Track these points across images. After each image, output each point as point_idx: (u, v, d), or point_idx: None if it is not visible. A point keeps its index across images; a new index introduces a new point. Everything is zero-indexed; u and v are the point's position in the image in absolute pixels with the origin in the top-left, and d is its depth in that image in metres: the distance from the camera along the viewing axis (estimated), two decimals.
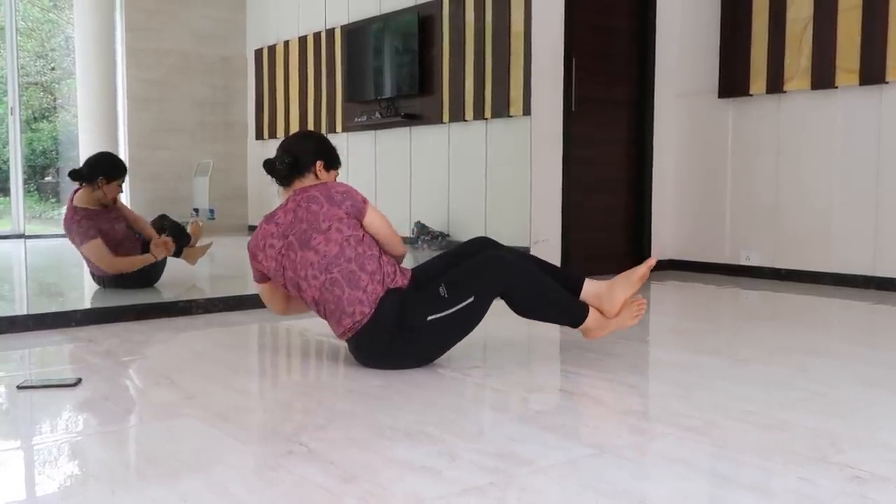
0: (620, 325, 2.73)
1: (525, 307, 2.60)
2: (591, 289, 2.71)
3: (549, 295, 2.60)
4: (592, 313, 2.66)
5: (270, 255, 2.57)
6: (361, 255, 2.50)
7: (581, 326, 2.67)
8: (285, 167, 2.65)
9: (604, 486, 1.56)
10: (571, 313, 2.65)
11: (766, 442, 1.85)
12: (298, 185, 2.65)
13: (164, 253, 4.05)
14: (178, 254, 4.34)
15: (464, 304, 2.46)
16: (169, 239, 4.09)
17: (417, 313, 2.47)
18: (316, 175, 2.67)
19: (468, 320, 2.52)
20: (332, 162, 2.75)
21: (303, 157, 2.67)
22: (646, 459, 1.77)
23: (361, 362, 2.59)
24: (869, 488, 1.56)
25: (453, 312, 2.46)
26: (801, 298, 4.28)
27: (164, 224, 4.32)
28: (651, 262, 2.76)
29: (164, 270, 4.22)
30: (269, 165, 2.68)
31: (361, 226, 2.58)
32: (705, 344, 3.10)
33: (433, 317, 2.45)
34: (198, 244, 4.48)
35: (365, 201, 2.60)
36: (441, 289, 2.47)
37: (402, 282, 2.55)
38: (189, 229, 4.48)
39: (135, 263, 3.99)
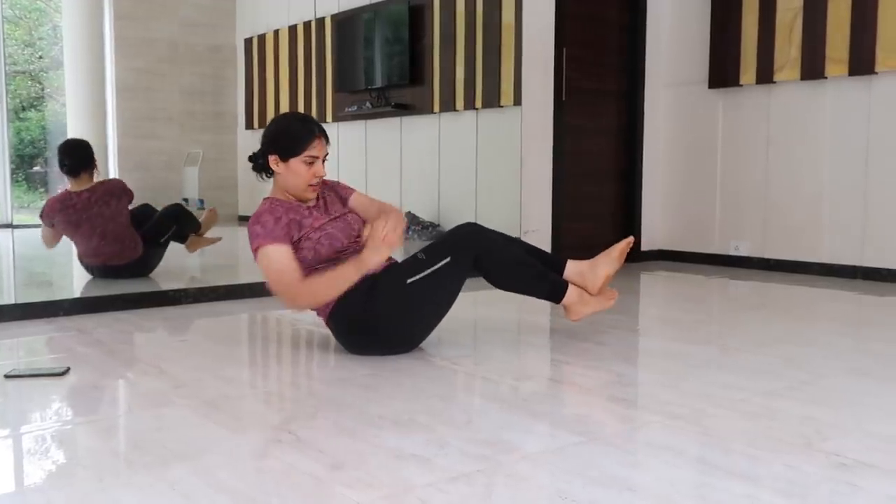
0: (602, 306, 2.74)
1: (502, 274, 2.59)
2: (574, 268, 2.73)
3: (527, 262, 2.62)
4: (573, 288, 2.67)
5: None
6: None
7: (563, 301, 2.67)
8: (257, 166, 2.58)
9: (592, 474, 1.57)
10: (551, 284, 2.65)
11: (752, 430, 1.86)
12: (276, 180, 2.57)
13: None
14: (182, 240, 4.30)
15: (441, 263, 2.47)
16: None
17: (395, 279, 2.48)
18: (277, 171, 2.52)
19: (447, 283, 2.51)
20: (287, 149, 2.49)
21: (259, 155, 2.56)
22: (634, 447, 1.78)
23: (346, 346, 2.61)
24: (854, 475, 1.57)
25: (432, 273, 2.46)
26: (789, 289, 4.30)
27: (173, 213, 4.27)
28: (629, 240, 2.80)
29: (161, 261, 4.20)
30: (250, 161, 2.60)
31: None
32: (694, 333, 3.12)
33: (412, 279, 2.47)
34: (207, 234, 4.42)
35: (256, 248, 2.43)
36: (419, 253, 2.50)
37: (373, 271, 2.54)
38: (203, 217, 4.42)
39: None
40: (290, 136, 2.50)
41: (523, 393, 2.24)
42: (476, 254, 2.53)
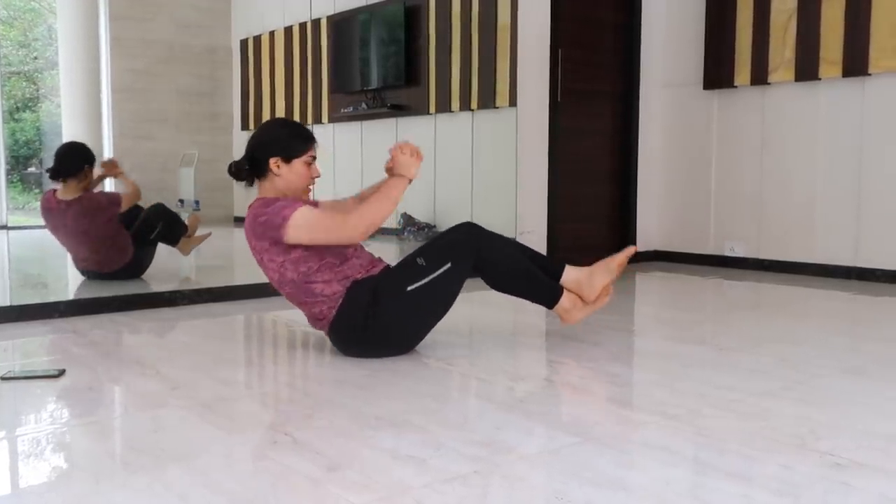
0: (594, 307, 2.75)
1: (499, 277, 2.61)
2: (572, 275, 2.72)
3: (523, 266, 2.62)
4: (567, 295, 2.68)
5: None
6: (306, 273, 2.46)
7: (557, 307, 2.68)
8: (244, 172, 2.53)
9: (587, 474, 1.57)
10: (546, 289, 2.66)
11: (747, 430, 1.87)
12: (267, 185, 2.54)
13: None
14: (174, 243, 4.31)
15: (442, 270, 2.47)
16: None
17: (395, 286, 2.48)
18: (277, 174, 2.50)
19: (447, 289, 2.52)
20: (290, 151, 2.50)
21: (256, 157, 2.51)
22: (629, 447, 1.78)
23: (344, 352, 2.60)
24: (848, 474, 1.58)
25: (432, 280, 2.47)
26: (784, 289, 4.31)
27: (158, 211, 4.25)
28: (630, 250, 2.79)
29: (151, 263, 4.19)
30: (231, 170, 2.54)
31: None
32: (689, 334, 3.13)
33: (413, 286, 2.47)
34: (195, 234, 4.43)
35: (284, 221, 2.37)
36: (419, 259, 2.49)
37: (374, 271, 2.55)
38: (187, 221, 4.43)
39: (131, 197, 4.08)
40: (293, 138, 2.54)
41: (519, 393, 2.24)
42: (476, 257, 2.54)
